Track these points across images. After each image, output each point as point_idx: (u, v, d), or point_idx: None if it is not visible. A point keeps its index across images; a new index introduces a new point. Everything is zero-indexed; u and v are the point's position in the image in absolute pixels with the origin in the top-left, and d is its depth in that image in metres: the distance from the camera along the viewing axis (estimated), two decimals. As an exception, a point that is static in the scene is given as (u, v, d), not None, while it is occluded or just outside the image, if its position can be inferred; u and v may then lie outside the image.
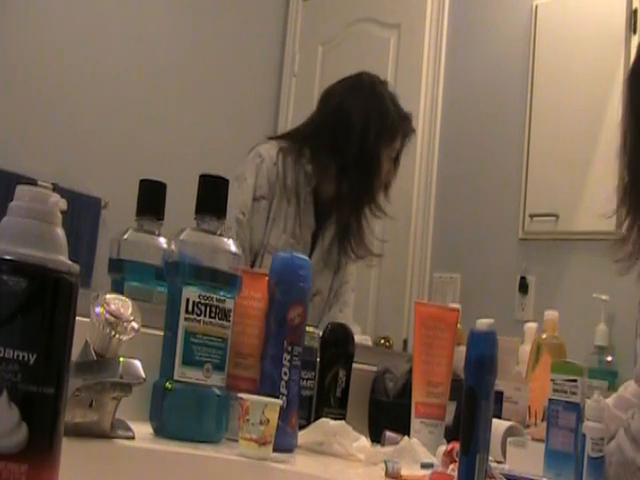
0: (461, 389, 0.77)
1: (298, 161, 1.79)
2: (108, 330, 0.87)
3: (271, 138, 1.89)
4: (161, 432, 0.99)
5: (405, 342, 2.36)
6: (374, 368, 1.48)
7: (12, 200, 0.55)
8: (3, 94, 2.26)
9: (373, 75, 1.87)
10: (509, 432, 1.22)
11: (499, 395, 1.37)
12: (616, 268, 1.19)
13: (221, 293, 1.04)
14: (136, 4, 2.70)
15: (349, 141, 1.78)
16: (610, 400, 1.21)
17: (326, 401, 1.29)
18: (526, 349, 1.62)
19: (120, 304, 0.89)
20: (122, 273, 1.23)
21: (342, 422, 1.15)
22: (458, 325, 1.33)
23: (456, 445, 0.90)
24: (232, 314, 1.05)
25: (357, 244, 1.81)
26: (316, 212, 1.80)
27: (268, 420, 0.95)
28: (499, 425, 1.23)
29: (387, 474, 0.97)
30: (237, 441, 0.97)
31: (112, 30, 2.55)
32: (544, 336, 1.57)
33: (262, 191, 1.75)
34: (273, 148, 1.80)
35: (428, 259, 2.59)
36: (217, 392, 1.03)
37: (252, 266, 1.69)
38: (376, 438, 1.27)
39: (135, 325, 0.89)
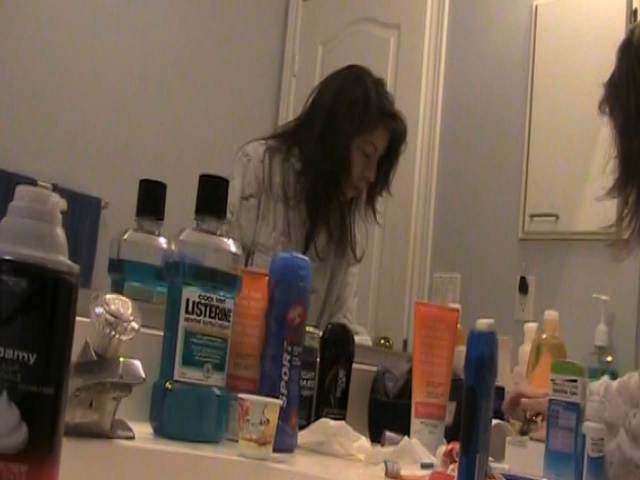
0: (461, 389, 0.77)
1: (287, 159, 1.76)
2: (108, 330, 0.87)
3: (259, 138, 1.83)
4: (161, 432, 0.99)
5: (405, 342, 2.36)
6: (374, 368, 1.48)
7: (12, 200, 0.55)
8: (3, 94, 2.26)
9: (364, 68, 1.82)
10: (496, 430, 1.22)
11: (501, 391, 1.37)
12: (612, 254, 1.19)
13: (221, 293, 1.04)
14: (136, 4, 2.70)
15: (318, 121, 1.74)
16: (615, 384, 1.21)
17: (326, 401, 1.29)
18: (526, 349, 1.62)
19: (120, 304, 0.89)
20: (122, 273, 1.23)
21: (342, 422, 1.15)
22: (458, 325, 1.33)
23: (456, 445, 0.90)
24: (232, 314, 1.05)
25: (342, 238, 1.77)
26: (310, 210, 1.76)
27: (268, 420, 0.95)
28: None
29: (387, 474, 0.97)
30: (237, 441, 0.97)
31: (112, 30, 2.55)
32: (544, 336, 1.57)
33: (251, 189, 1.73)
34: (260, 146, 1.77)
35: (428, 259, 2.60)
36: (217, 392, 1.03)
37: (244, 265, 1.68)
38: (376, 438, 1.27)
39: (135, 325, 0.89)
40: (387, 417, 1.36)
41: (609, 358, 2.17)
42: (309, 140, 1.75)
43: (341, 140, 1.72)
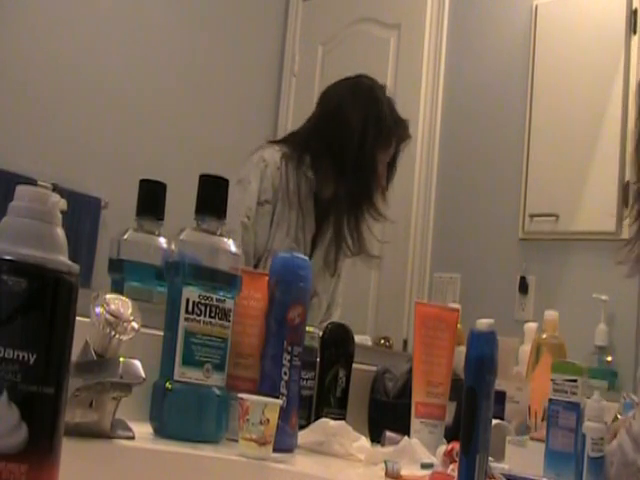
0: (461, 389, 0.77)
1: (299, 167, 1.79)
2: (108, 330, 0.87)
3: (271, 142, 1.87)
4: (161, 432, 0.99)
5: (405, 342, 2.36)
6: (374, 368, 1.48)
7: (12, 200, 0.55)
8: (3, 94, 2.26)
9: (372, 78, 1.86)
10: (496, 430, 1.22)
11: (502, 395, 1.37)
12: (622, 271, 1.20)
13: (221, 293, 1.04)
14: (136, 4, 2.70)
15: (347, 145, 1.77)
16: None
17: (326, 401, 1.29)
18: (526, 349, 1.62)
19: (120, 304, 0.89)
20: (122, 273, 1.23)
21: (342, 422, 1.15)
22: (458, 325, 1.33)
23: (456, 445, 0.90)
24: (232, 314, 1.05)
25: (354, 245, 1.81)
26: (316, 216, 1.80)
27: (268, 420, 0.95)
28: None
29: (387, 474, 0.97)
30: (237, 441, 0.97)
31: (111, 30, 2.55)
32: (544, 336, 1.57)
33: (267, 195, 1.75)
34: (276, 153, 1.80)
35: (428, 259, 2.59)
36: (217, 392, 1.03)
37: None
38: (376, 438, 1.27)
39: (135, 325, 0.89)
40: (387, 417, 1.36)
41: (609, 358, 2.17)
42: (321, 152, 1.79)
43: (372, 158, 1.78)
